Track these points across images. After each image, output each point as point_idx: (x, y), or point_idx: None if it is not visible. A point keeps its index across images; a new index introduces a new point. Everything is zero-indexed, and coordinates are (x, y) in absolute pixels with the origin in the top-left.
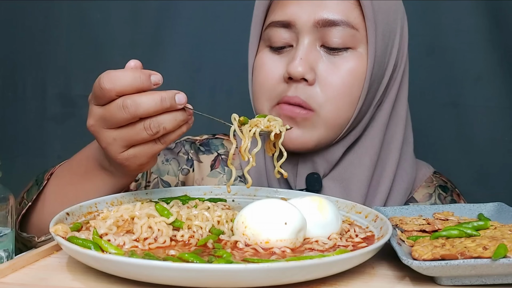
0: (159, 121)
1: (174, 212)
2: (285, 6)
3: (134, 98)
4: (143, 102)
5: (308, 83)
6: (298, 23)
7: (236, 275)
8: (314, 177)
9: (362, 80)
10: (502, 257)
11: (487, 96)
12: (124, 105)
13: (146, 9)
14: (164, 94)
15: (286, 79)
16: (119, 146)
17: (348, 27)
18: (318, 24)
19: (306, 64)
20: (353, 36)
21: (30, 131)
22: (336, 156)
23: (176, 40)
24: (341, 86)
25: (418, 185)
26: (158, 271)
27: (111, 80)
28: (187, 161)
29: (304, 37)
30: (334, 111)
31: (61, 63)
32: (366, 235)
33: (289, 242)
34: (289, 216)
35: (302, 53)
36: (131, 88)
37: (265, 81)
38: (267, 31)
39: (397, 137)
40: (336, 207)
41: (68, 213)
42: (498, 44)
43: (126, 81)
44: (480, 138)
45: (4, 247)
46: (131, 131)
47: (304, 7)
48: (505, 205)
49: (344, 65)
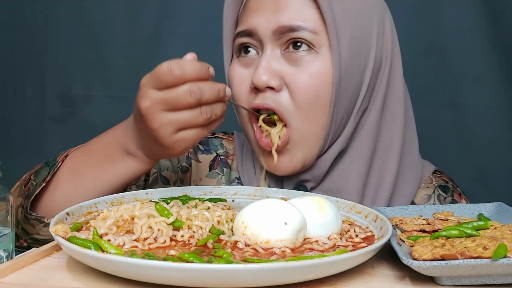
0: (213, 108)
1: (174, 212)
2: (248, 16)
3: (199, 85)
4: (206, 89)
5: (275, 91)
6: (259, 31)
7: (236, 275)
8: (300, 190)
9: (329, 83)
10: (502, 257)
11: (486, 96)
12: (191, 91)
13: (145, 9)
14: (219, 85)
15: (253, 89)
16: (172, 129)
17: (308, 31)
18: (277, 31)
19: (269, 72)
20: (314, 40)
21: (30, 131)
22: (322, 171)
23: (175, 40)
24: (307, 88)
25: (417, 186)
26: (158, 271)
27: (181, 67)
28: (187, 159)
29: (267, 45)
30: (306, 118)
31: (61, 63)
32: (366, 235)
33: (289, 242)
34: (289, 216)
35: (265, 61)
36: (196, 77)
37: (237, 95)
38: (235, 41)
39: (394, 145)
40: (336, 207)
41: (68, 213)
42: (497, 44)
43: (194, 70)
44: (479, 138)
45: (4, 247)
46: (190, 114)
47: (263, 15)
48: (505, 205)
49: (308, 69)
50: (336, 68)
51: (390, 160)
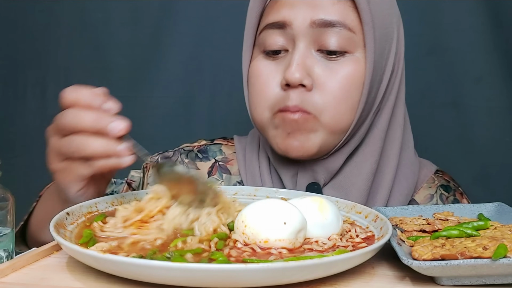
0: (82, 142)
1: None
2: (279, 7)
3: (78, 111)
4: (84, 115)
5: (306, 89)
6: (293, 24)
7: (235, 275)
8: (314, 188)
9: (361, 85)
10: (502, 257)
11: (487, 96)
12: (66, 113)
13: (146, 9)
14: (106, 120)
15: (284, 85)
16: (54, 156)
17: (345, 29)
18: (314, 24)
19: (303, 69)
20: (350, 39)
21: (30, 131)
22: (336, 165)
23: (176, 40)
24: (339, 91)
25: (419, 186)
26: (158, 271)
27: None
28: None
29: (300, 40)
30: (334, 116)
31: (61, 63)
32: (366, 235)
33: (288, 242)
34: (288, 216)
35: (299, 58)
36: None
37: (263, 89)
38: (262, 35)
39: (395, 143)
40: (336, 207)
41: (68, 213)
42: (499, 45)
43: (83, 97)
44: (481, 138)
45: (4, 247)
46: (62, 141)
47: (299, 8)
48: (505, 205)
49: (341, 70)
50: (369, 70)
51: (391, 158)
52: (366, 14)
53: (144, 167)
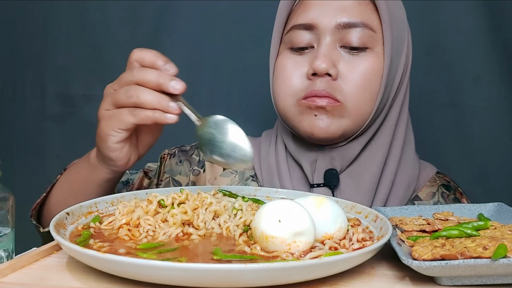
0: (137, 89)
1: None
2: (307, 9)
3: (141, 68)
4: (146, 72)
5: (332, 78)
6: (320, 26)
7: (236, 275)
8: (332, 173)
9: (379, 77)
10: (502, 257)
11: (486, 96)
12: (132, 68)
13: (145, 9)
14: (166, 78)
15: (310, 75)
16: (106, 103)
17: (367, 28)
18: (340, 26)
19: (329, 61)
20: (371, 37)
21: (29, 131)
22: (353, 153)
23: (175, 40)
24: (361, 81)
25: (422, 184)
26: (158, 271)
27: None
28: (198, 163)
29: (325, 38)
30: (357, 103)
31: (60, 63)
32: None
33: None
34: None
35: (325, 50)
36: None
37: (287, 78)
38: (289, 34)
39: (399, 137)
40: (340, 209)
41: (68, 213)
42: (497, 44)
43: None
44: (480, 138)
45: (4, 247)
46: (120, 90)
47: (326, 11)
48: (505, 205)
49: (363, 64)
50: (387, 64)
51: (394, 149)
52: (385, 14)
53: (162, 157)
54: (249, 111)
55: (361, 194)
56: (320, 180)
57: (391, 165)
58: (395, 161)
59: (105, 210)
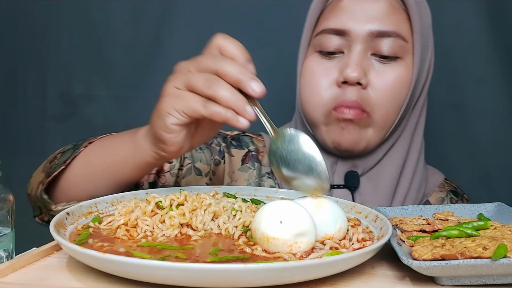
0: (218, 82)
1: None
2: (339, 13)
3: (223, 58)
4: (229, 64)
5: (362, 87)
6: (352, 32)
7: (236, 275)
8: (353, 175)
9: (407, 87)
10: (502, 257)
11: (488, 97)
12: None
13: (147, 8)
14: (246, 75)
15: (340, 83)
16: (177, 80)
17: (399, 38)
18: (372, 34)
19: (361, 69)
20: (402, 47)
21: (31, 131)
22: (376, 159)
23: (177, 39)
24: (390, 90)
25: (432, 189)
26: (158, 271)
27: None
28: (219, 153)
29: (357, 45)
30: (384, 114)
31: (62, 63)
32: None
33: (282, 242)
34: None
35: (356, 59)
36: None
37: (317, 86)
38: (319, 37)
39: (417, 140)
40: (340, 210)
41: (68, 213)
42: (500, 45)
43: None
44: (482, 139)
45: (4, 247)
46: (197, 74)
47: (358, 17)
48: (505, 205)
49: (392, 73)
50: (415, 74)
51: (412, 153)
52: (417, 25)
53: None
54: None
55: (380, 196)
56: (340, 182)
57: (409, 168)
58: (413, 164)
59: (105, 210)
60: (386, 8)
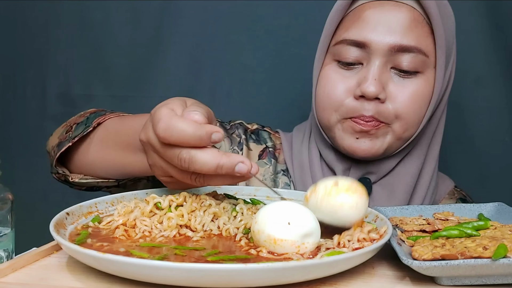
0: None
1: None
2: (360, 25)
3: (192, 154)
4: (199, 161)
5: (380, 101)
6: (372, 45)
7: (236, 275)
8: (366, 181)
9: (428, 101)
10: (502, 257)
11: (487, 96)
12: (181, 158)
13: (146, 9)
14: (224, 161)
15: (357, 96)
16: (162, 172)
17: (421, 53)
18: (393, 49)
19: (379, 84)
20: (424, 62)
21: (30, 131)
22: (390, 167)
23: (176, 40)
24: (410, 105)
25: (442, 196)
26: (158, 271)
27: (179, 133)
28: (239, 144)
29: (376, 58)
30: (403, 126)
31: (61, 63)
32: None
33: (290, 244)
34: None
35: (375, 73)
36: (192, 144)
37: (333, 93)
38: (338, 46)
39: (435, 149)
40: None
41: (68, 213)
42: (498, 45)
43: (190, 138)
44: (480, 138)
45: (4, 247)
46: (178, 173)
47: (380, 30)
48: (505, 205)
49: (412, 87)
50: (437, 89)
51: (430, 160)
52: (441, 40)
53: None
54: (250, 111)
55: (393, 204)
56: None
57: (426, 177)
58: (430, 173)
59: (105, 210)
60: (409, 21)
